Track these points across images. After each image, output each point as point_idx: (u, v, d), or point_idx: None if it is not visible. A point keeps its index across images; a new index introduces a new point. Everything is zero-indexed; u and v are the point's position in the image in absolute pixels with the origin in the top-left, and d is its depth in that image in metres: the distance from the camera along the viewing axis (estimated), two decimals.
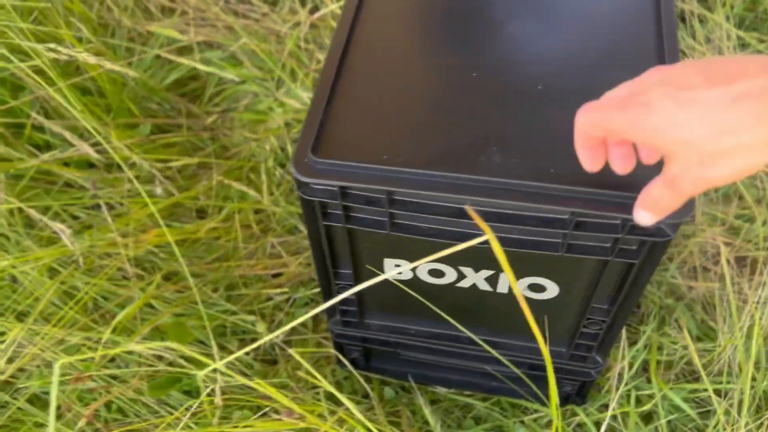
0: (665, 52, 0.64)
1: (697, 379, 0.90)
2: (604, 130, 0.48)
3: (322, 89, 0.63)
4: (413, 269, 0.72)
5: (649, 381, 0.89)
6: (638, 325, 0.95)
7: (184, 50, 1.28)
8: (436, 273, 0.71)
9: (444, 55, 0.68)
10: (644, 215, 0.51)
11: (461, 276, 0.71)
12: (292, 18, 1.29)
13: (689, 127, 0.41)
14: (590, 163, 0.52)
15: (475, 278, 0.71)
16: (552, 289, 0.70)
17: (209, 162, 1.09)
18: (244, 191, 1.04)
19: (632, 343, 0.93)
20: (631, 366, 0.89)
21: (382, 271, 0.72)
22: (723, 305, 0.93)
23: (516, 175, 0.57)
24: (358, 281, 0.75)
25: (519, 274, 0.69)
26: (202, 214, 1.06)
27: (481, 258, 0.68)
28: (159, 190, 0.98)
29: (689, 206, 0.54)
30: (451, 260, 0.69)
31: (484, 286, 0.72)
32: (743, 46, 1.27)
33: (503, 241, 0.62)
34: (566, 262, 0.65)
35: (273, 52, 1.25)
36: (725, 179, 0.42)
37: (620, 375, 0.87)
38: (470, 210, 0.43)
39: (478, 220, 0.39)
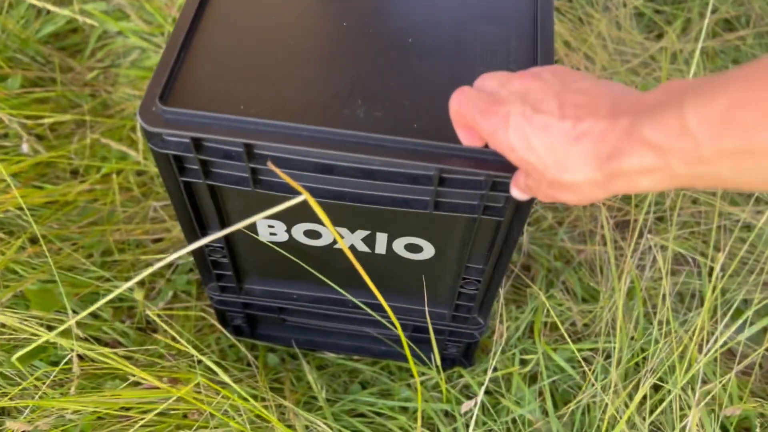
0: (539, 10, 0.63)
1: (581, 339, 0.91)
2: (471, 124, 0.48)
3: (177, 33, 0.58)
4: (288, 230, 0.69)
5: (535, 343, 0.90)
6: (527, 288, 0.96)
7: (65, 0, 1.18)
8: (312, 234, 0.69)
9: (313, 2, 0.64)
10: (517, 193, 0.52)
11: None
12: None
13: (539, 155, 0.42)
14: (467, 141, 0.52)
15: (352, 239, 0.69)
16: (428, 250, 0.68)
17: (87, 120, 1.02)
18: (125, 152, 0.98)
19: (520, 305, 0.94)
20: (517, 329, 0.90)
21: (255, 233, 0.69)
22: (606, 268, 0.95)
23: (379, 129, 0.54)
24: (229, 243, 0.71)
25: (395, 234, 0.67)
26: (78, 174, 0.99)
27: (356, 218, 0.65)
28: (25, 148, 0.90)
29: None
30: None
31: (362, 247, 0.70)
32: (639, 15, 1.29)
33: (372, 199, 0.60)
34: (439, 221, 0.63)
35: (162, 6, 1.18)
36: (573, 202, 0.45)
37: (507, 337, 0.87)
38: (272, 165, 0.40)
39: (285, 177, 0.37)
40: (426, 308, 0.76)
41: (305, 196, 0.36)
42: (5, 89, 0.98)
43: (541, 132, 0.42)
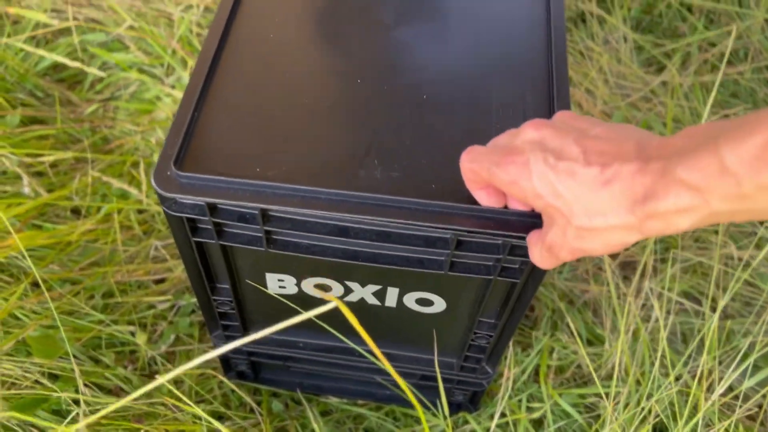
0: (553, 65, 0.63)
1: (587, 383, 0.91)
2: (486, 181, 0.48)
3: (190, 94, 0.58)
4: (298, 284, 0.68)
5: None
6: (531, 329, 0.95)
7: (64, 31, 1.17)
8: (322, 288, 0.68)
9: (327, 58, 0.64)
10: (538, 260, 0.51)
11: (348, 290, 0.68)
12: (184, 0, 1.21)
13: (566, 201, 0.42)
14: (486, 201, 0.51)
15: (363, 293, 0.68)
16: (439, 304, 0.68)
17: (87, 156, 1.01)
18: (125, 190, 0.96)
19: (525, 347, 0.94)
20: (523, 372, 0.89)
21: (264, 286, 0.68)
22: (610, 310, 0.95)
23: (397, 190, 0.54)
24: (237, 296, 0.70)
25: (406, 289, 0.66)
26: (78, 213, 0.98)
27: (367, 273, 0.65)
28: (27, 189, 0.89)
29: None
30: (336, 275, 0.65)
31: (372, 301, 0.69)
32: (639, 48, 1.30)
33: (387, 259, 0.59)
34: (452, 278, 0.63)
35: (163, 36, 1.17)
36: (599, 252, 0.44)
37: (511, 381, 0.87)
38: (317, 291, 0.39)
39: (323, 294, 0.36)
40: (435, 357, 0.75)
41: (336, 302, 0.36)
42: (4, 126, 0.96)
43: (566, 178, 0.42)
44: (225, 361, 0.84)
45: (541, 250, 0.49)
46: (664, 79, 1.23)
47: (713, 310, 0.95)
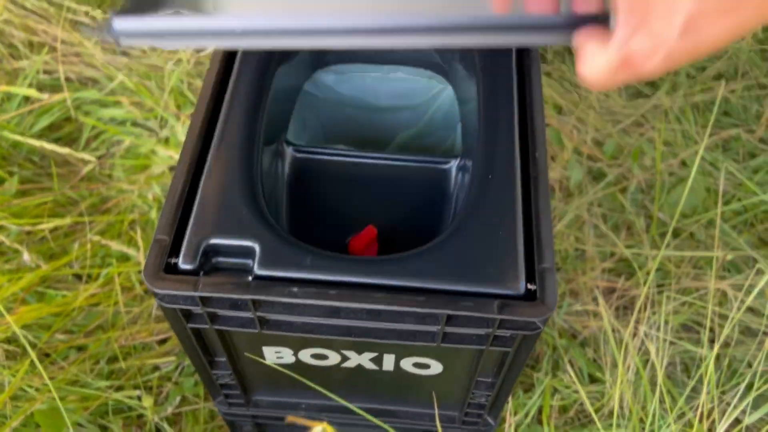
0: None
1: (591, 422, 0.91)
2: None
3: None
4: (295, 354, 0.69)
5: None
6: (533, 369, 0.96)
7: (57, 89, 1.19)
8: (320, 357, 0.69)
9: None
10: (599, 72, 0.35)
11: (345, 358, 0.69)
12: (174, 55, 1.22)
13: None
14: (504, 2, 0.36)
15: (359, 359, 0.69)
16: (436, 367, 0.69)
17: (86, 221, 1.02)
18: (125, 252, 0.98)
19: (528, 388, 0.94)
20: (526, 415, 0.90)
21: (262, 357, 0.69)
22: (610, 347, 0.95)
23: None
24: (236, 368, 0.71)
25: (402, 355, 0.67)
26: (80, 277, 0.99)
27: (362, 343, 0.65)
28: (27, 260, 0.90)
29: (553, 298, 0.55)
30: (332, 346, 0.66)
31: (370, 366, 0.70)
32: None
33: (380, 334, 0.60)
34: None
35: (155, 91, 1.18)
36: (714, 46, 0.31)
37: (513, 427, 0.87)
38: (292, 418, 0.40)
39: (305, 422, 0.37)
40: (436, 413, 0.76)
41: (323, 426, 0.37)
42: (2, 195, 0.98)
43: None
44: (230, 423, 0.85)
45: (611, 61, 0.33)
46: (655, 102, 1.24)
47: (712, 342, 0.95)
